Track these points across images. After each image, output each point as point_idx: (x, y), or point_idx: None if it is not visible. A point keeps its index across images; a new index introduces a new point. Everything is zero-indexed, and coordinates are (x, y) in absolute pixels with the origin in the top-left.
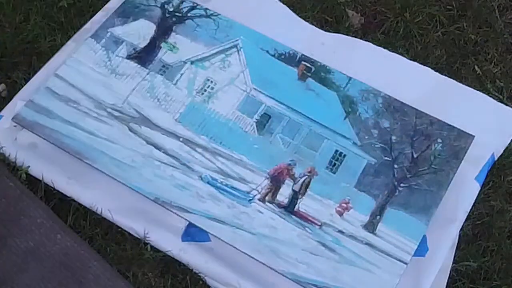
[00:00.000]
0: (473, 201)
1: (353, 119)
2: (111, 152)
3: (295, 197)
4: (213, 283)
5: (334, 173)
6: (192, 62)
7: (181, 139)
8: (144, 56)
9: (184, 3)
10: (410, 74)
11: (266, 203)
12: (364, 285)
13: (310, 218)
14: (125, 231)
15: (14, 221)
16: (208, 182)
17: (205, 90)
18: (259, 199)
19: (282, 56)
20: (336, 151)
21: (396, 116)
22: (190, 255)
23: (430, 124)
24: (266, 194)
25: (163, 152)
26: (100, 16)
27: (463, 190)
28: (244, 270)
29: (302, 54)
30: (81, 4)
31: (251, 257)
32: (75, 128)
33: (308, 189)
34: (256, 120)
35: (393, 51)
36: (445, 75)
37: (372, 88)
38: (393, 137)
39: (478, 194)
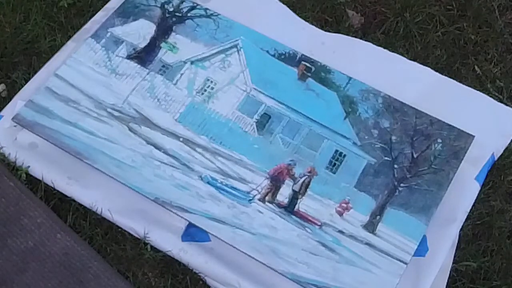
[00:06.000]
0: (473, 201)
1: (353, 119)
2: (111, 152)
3: (295, 197)
4: (213, 283)
5: (334, 173)
6: (192, 62)
7: (181, 139)
8: (144, 56)
9: (184, 3)
10: (410, 74)
11: (266, 203)
12: (364, 285)
13: (310, 218)
14: (125, 231)
15: (14, 221)
16: (208, 182)
17: (205, 90)
18: (259, 199)
19: (282, 56)
20: (336, 151)
21: (396, 116)
22: (190, 255)
23: (430, 124)
24: (266, 194)
25: (163, 152)
26: (100, 16)
27: (463, 190)
28: (244, 270)
29: (302, 54)
30: (81, 4)
31: (251, 257)
32: (75, 128)
33: (308, 189)
34: (256, 120)
35: (393, 51)
36: (445, 75)
37: (372, 88)
38: (393, 137)
39: (478, 194)
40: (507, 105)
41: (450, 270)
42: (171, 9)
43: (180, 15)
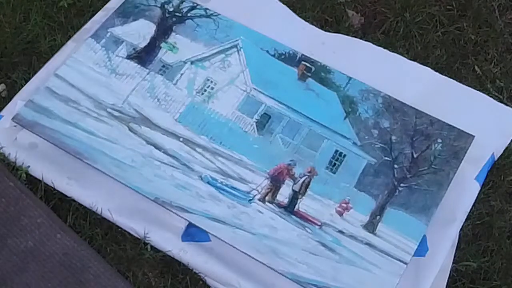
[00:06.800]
0: (473, 201)
1: (353, 119)
2: (111, 152)
3: (295, 197)
4: (213, 283)
5: (334, 173)
6: (192, 62)
7: (181, 139)
8: (144, 56)
9: (184, 3)
10: (410, 74)
11: (266, 203)
12: (364, 285)
13: (310, 218)
14: (125, 231)
15: (14, 221)
16: (208, 182)
17: (205, 90)
18: (259, 199)
19: (282, 56)
20: (336, 151)
21: (396, 116)
22: (190, 255)
23: (430, 124)
24: (266, 194)
25: (163, 152)
26: (100, 16)
27: (463, 190)
28: (244, 270)
29: (302, 54)
30: (81, 4)
31: (251, 257)
32: (75, 128)
33: (308, 189)
34: (256, 120)
35: (393, 51)
36: (445, 75)
37: (372, 88)
38: (393, 137)
39: (478, 194)
40: (507, 105)
41: (450, 270)
42: (171, 9)
43: (180, 15)
